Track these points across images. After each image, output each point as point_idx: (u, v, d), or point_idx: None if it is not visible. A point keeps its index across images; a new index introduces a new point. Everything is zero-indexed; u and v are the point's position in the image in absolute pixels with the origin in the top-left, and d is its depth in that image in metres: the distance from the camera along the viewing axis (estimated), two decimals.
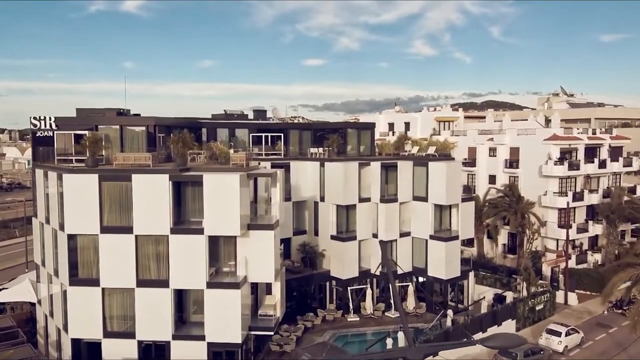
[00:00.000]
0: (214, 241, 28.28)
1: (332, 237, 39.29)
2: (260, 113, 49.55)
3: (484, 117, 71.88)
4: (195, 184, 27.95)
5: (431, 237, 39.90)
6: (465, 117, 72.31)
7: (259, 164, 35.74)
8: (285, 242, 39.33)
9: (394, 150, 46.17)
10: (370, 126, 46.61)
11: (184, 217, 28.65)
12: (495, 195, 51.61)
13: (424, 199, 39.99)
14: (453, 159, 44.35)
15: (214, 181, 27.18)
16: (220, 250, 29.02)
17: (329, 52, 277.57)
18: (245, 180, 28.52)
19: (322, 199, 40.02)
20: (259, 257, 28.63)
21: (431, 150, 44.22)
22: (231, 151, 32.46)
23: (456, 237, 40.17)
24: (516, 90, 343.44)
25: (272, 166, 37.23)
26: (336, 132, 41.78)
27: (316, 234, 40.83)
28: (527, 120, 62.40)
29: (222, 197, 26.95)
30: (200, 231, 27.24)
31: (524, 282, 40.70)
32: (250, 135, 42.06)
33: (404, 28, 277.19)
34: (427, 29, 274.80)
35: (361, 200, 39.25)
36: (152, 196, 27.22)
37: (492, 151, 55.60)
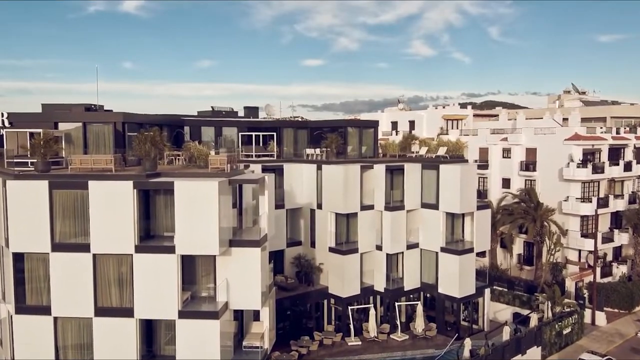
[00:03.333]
0: (188, 261, 23.68)
1: (331, 250, 34.99)
2: (251, 110, 44.99)
3: (496, 115, 67.24)
4: (166, 193, 23.40)
5: (442, 249, 35.57)
6: (474, 116, 67.65)
7: (248, 166, 31.28)
8: (278, 255, 35.14)
9: (400, 152, 41.87)
10: (373, 124, 41.83)
11: (154, 233, 24.05)
12: (510, 201, 47.00)
13: (435, 207, 35.69)
14: (466, 160, 39.79)
15: (188, 189, 22.57)
16: (196, 271, 24.36)
17: (328, 52, 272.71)
18: (227, 188, 23.95)
19: (320, 206, 35.61)
20: (243, 280, 24.03)
21: (441, 151, 39.67)
22: (211, 152, 27.76)
23: (471, 250, 35.78)
24: (515, 91, 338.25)
25: (264, 169, 32.99)
26: (335, 131, 37.26)
27: (313, 245, 36.46)
28: (542, 118, 57.79)
29: (198, 209, 22.40)
30: (171, 249, 22.65)
31: (548, 301, 36.01)
32: (240, 134, 37.71)
33: (403, 28, 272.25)
34: (425, 29, 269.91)
35: (363, 207, 34.95)
36: (113, 207, 22.63)
37: (506, 152, 51.03)
